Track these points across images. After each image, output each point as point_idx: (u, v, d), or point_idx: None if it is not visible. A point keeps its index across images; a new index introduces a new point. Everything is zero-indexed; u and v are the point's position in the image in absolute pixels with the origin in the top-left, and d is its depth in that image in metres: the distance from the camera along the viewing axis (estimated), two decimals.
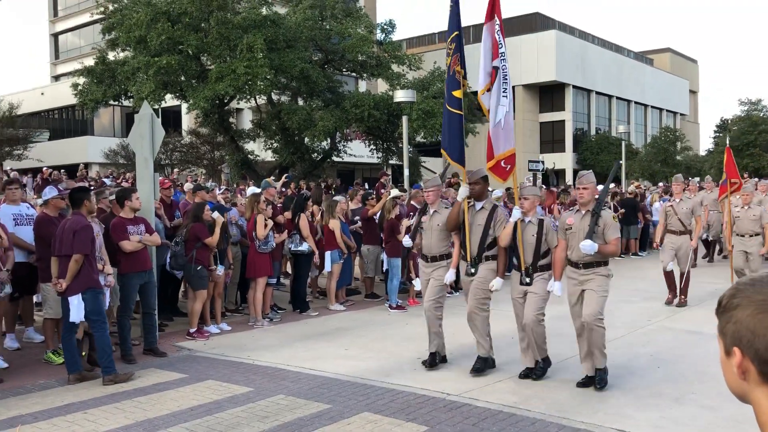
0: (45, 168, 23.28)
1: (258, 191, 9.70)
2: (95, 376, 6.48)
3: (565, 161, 47.02)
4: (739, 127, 42.59)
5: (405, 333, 8.52)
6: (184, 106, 28.30)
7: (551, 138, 49.34)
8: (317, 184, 19.59)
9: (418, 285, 7.40)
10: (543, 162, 27.76)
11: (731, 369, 1.31)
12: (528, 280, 6.34)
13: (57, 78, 50.42)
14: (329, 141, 27.14)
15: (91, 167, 33.36)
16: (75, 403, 5.76)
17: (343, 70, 28.79)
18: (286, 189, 15.49)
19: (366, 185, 23.63)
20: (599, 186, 6.50)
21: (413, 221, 7.71)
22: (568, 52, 47.28)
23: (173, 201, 10.06)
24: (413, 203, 11.09)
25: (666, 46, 75.78)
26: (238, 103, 30.64)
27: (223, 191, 12.52)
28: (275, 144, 28.03)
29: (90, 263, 6.32)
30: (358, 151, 30.28)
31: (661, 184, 24.03)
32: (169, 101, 26.55)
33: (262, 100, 27.43)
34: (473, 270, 6.56)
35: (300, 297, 10.12)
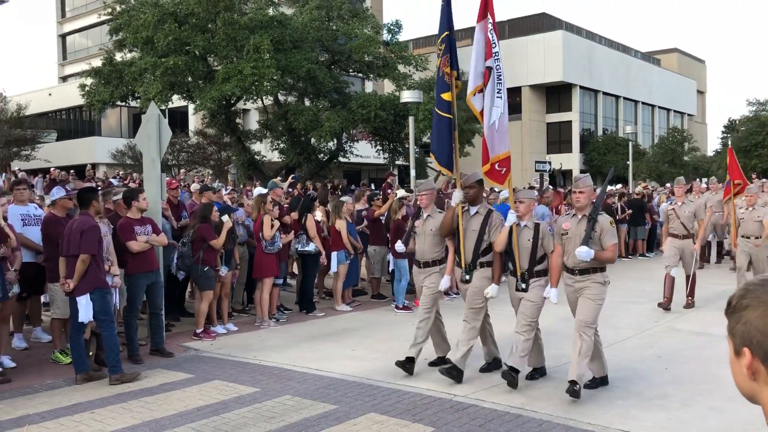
0: (53, 168, 23.38)
1: (265, 192, 9.72)
2: (102, 375, 6.50)
3: (572, 162, 46.91)
4: (747, 128, 42.34)
5: (411, 334, 8.46)
6: (191, 106, 28.41)
7: (558, 138, 49.24)
8: (323, 184, 19.61)
9: None
10: (550, 163, 27.65)
11: (741, 370, 1.30)
12: (524, 286, 6.15)
13: (64, 79, 50.64)
14: (336, 141, 27.17)
15: (99, 168, 33.47)
16: (82, 403, 5.78)
17: (350, 70, 28.83)
18: (292, 189, 15.52)
19: (372, 186, 23.65)
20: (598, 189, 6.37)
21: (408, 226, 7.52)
22: (575, 52, 47.19)
23: (180, 201, 10.09)
24: (420, 204, 11.07)
25: (673, 46, 75.57)
26: (244, 104, 30.70)
27: (230, 191, 12.53)
28: (282, 145, 28.08)
29: (97, 263, 6.34)
30: (364, 152, 30.30)
31: (669, 184, 23.93)
32: (176, 102, 26.64)
33: (268, 100, 27.49)
34: (468, 277, 6.38)
35: (307, 297, 10.13)
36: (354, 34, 25.72)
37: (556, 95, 48.89)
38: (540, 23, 49.02)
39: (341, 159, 28.77)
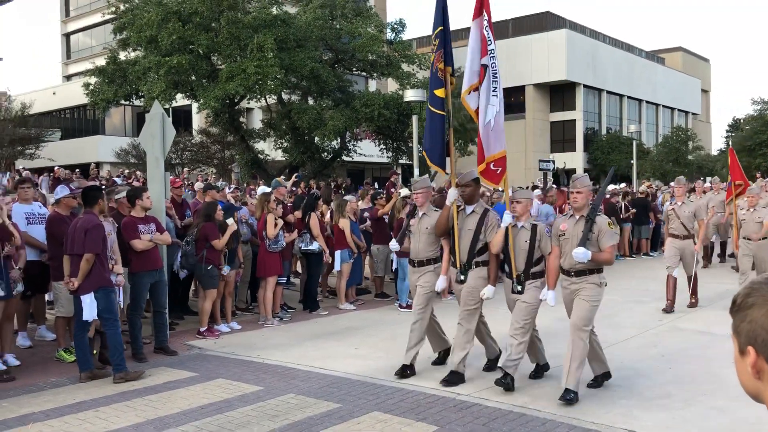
0: (57, 167, 23.44)
1: (268, 190, 9.72)
2: (106, 374, 6.51)
3: (576, 161, 46.85)
4: (752, 127, 42.27)
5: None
6: (194, 105, 28.42)
7: (562, 137, 49.18)
8: (327, 183, 19.63)
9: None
10: (554, 162, 27.68)
11: (745, 368, 1.30)
12: (520, 288, 5.99)
13: (69, 78, 50.75)
14: (339, 140, 27.18)
15: (103, 166, 33.54)
16: (86, 401, 5.79)
17: (353, 69, 28.83)
18: (296, 188, 15.53)
19: (376, 185, 23.65)
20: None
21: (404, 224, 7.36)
22: (578, 51, 47.11)
23: (184, 200, 10.10)
24: (415, 202, 11.05)
25: (678, 45, 75.34)
26: (248, 103, 30.74)
27: (233, 190, 12.56)
28: (285, 143, 28.11)
29: (101, 262, 6.35)
30: (368, 151, 30.32)
31: (672, 183, 23.88)
32: (180, 101, 26.67)
33: (272, 99, 27.51)
34: (463, 277, 6.25)
35: (311, 296, 10.13)
36: (357, 32, 25.74)
37: (559, 94, 48.83)
38: (544, 22, 48.96)
39: (345, 158, 28.78)
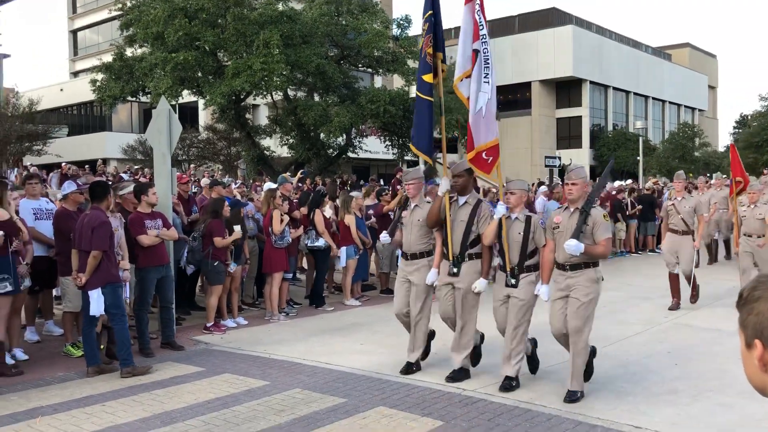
0: (64, 163, 23.51)
1: (274, 186, 9.74)
2: (113, 368, 6.54)
3: (582, 157, 46.72)
4: (759, 123, 42.02)
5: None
6: (200, 102, 28.49)
7: (568, 134, 49.06)
8: (333, 180, 19.64)
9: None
10: (560, 158, 27.55)
11: (752, 361, 1.30)
12: (513, 281, 5.82)
13: (76, 74, 50.93)
14: (345, 137, 27.17)
15: (109, 163, 33.64)
16: (94, 396, 5.82)
17: (359, 65, 28.80)
18: (302, 185, 15.55)
19: (381, 181, 23.65)
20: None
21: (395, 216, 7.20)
22: (585, 47, 46.95)
23: (190, 196, 10.13)
24: (407, 194, 11.05)
25: (685, 41, 75.12)
26: (254, 99, 30.76)
27: (239, 185, 12.59)
28: (291, 140, 28.13)
29: (109, 258, 6.37)
30: (373, 147, 30.31)
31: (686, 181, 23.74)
32: (186, 97, 26.74)
33: (278, 96, 27.52)
34: (456, 270, 6.09)
35: (318, 292, 10.16)
36: (363, 29, 25.70)
37: (566, 90, 48.69)
38: (550, 18, 48.80)
39: (350, 154, 28.78)
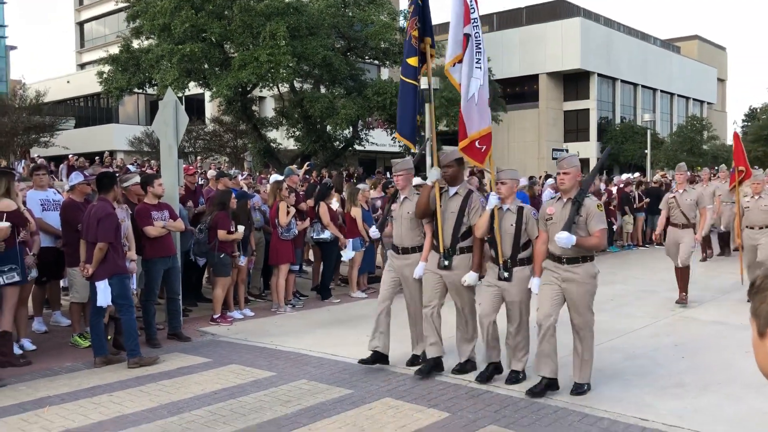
0: (71, 155, 23.58)
1: (281, 178, 9.74)
2: (121, 359, 6.57)
3: (590, 150, 46.55)
4: None
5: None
6: (207, 94, 28.48)
7: (575, 127, 48.88)
8: (339, 172, 19.63)
9: None
10: (567, 151, 27.54)
11: (764, 350, 1.29)
12: (506, 274, 5.66)
13: (82, 66, 50.97)
14: (351, 129, 27.14)
15: (116, 155, 33.71)
16: (101, 386, 5.85)
17: (366, 57, 28.73)
18: (308, 177, 15.56)
19: (388, 174, 23.62)
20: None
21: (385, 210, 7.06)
22: (593, 39, 46.71)
23: (197, 187, 10.14)
24: (396, 185, 11.01)
25: (694, 33, 74.68)
26: (260, 91, 30.72)
27: (246, 177, 12.61)
28: (297, 132, 28.11)
29: (115, 249, 6.39)
30: (380, 140, 30.23)
31: (687, 173, 23.63)
32: (193, 89, 26.73)
33: (284, 88, 27.49)
34: (447, 262, 5.93)
35: (324, 284, 10.17)
36: (370, 20, 25.63)
37: (573, 83, 48.49)
38: (557, 10, 48.55)
39: (357, 147, 28.74)
